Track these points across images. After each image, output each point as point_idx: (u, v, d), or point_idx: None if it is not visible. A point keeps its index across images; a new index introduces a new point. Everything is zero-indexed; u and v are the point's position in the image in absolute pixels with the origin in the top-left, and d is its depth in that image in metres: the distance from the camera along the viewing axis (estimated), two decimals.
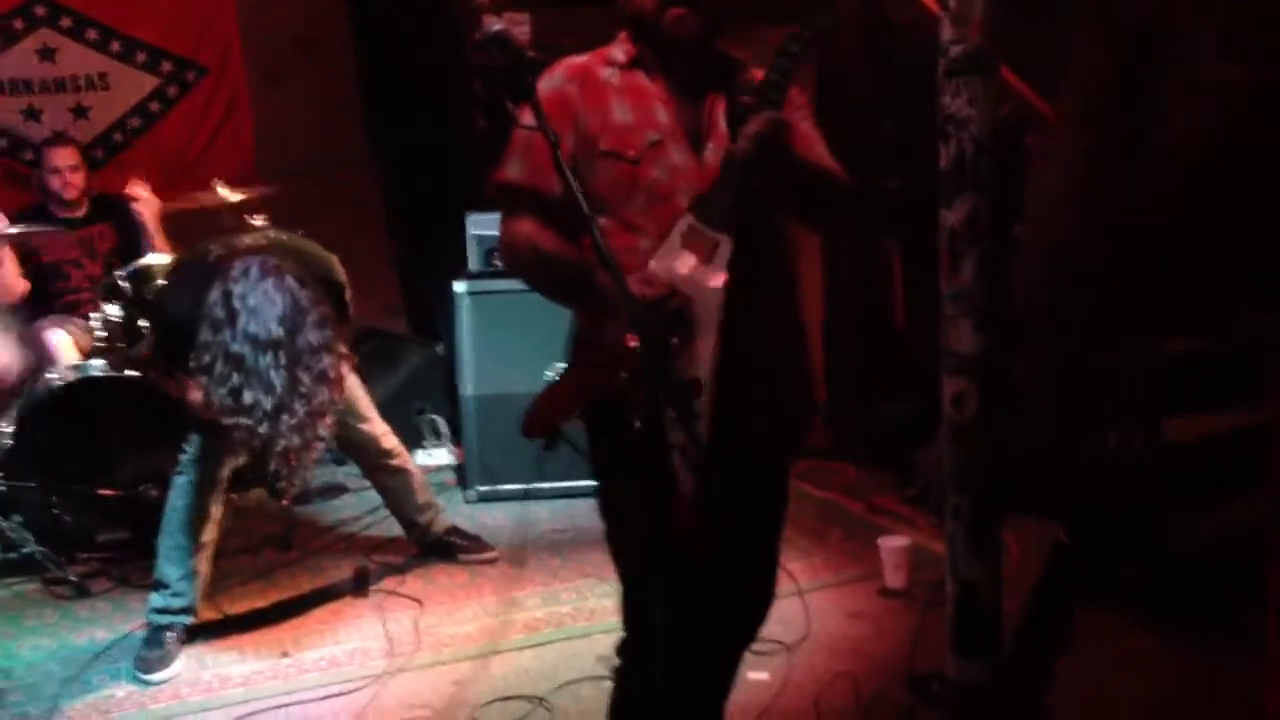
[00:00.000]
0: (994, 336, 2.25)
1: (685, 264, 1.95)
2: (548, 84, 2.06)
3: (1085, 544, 3.54)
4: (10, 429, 4.07)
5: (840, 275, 5.05)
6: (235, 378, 2.98)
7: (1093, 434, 3.91)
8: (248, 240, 3.40)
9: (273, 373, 2.98)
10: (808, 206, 2.13)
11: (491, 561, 4.03)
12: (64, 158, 4.63)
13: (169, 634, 3.34)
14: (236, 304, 2.99)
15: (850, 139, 4.70)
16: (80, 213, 4.69)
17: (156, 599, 3.39)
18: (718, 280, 1.92)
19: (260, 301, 3.00)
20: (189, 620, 3.42)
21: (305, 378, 3.03)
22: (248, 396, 2.97)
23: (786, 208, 2.12)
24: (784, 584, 3.60)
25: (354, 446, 3.89)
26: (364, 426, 3.82)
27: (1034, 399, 4.03)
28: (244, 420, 3.00)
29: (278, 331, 2.99)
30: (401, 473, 3.96)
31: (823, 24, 2.01)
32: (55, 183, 4.60)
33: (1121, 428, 3.84)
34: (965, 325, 2.25)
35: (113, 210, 4.68)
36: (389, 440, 3.91)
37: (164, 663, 3.27)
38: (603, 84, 2.08)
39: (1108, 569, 3.45)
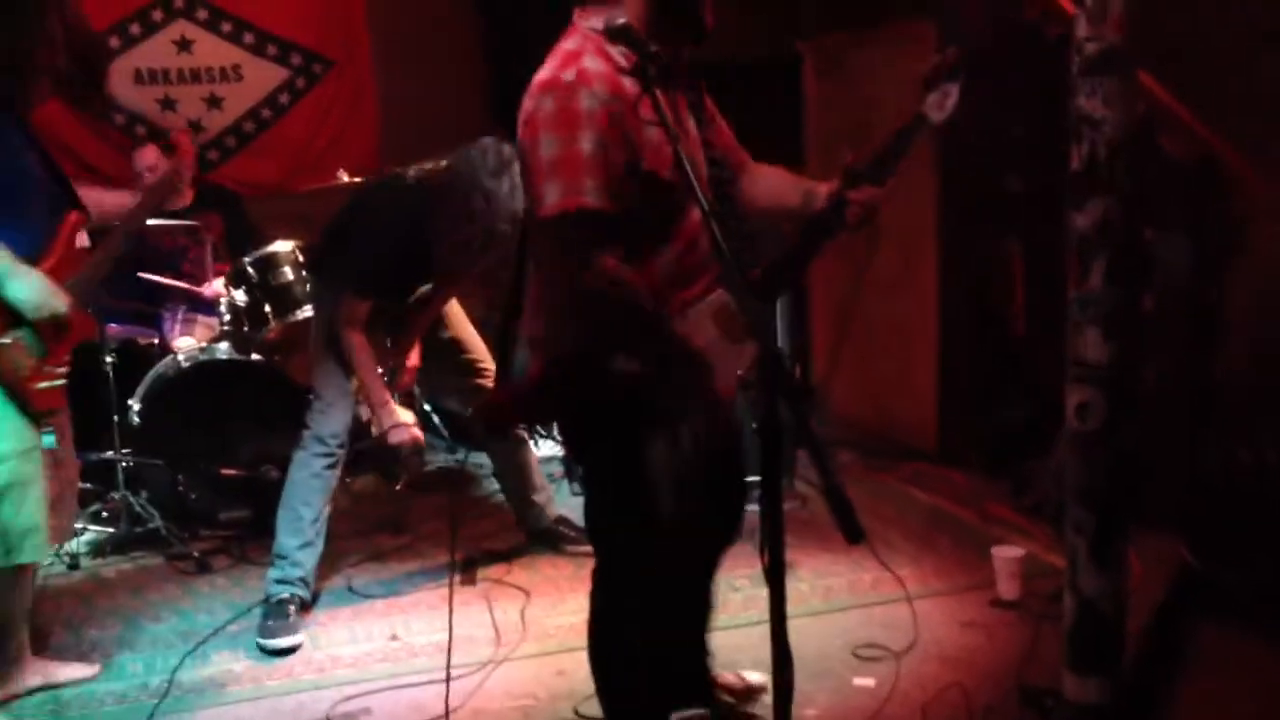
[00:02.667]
0: (1122, 344, 2.17)
1: (705, 335, 1.96)
2: (594, 100, 1.96)
3: (1212, 561, 3.41)
4: (139, 408, 4.22)
5: (956, 276, 4.94)
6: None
7: (1223, 447, 3.76)
8: (430, 165, 3.52)
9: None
10: None
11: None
12: (147, 157, 4.71)
13: (290, 605, 3.45)
14: (492, 186, 3.15)
15: (974, 137, 4.68)
16: (186, 202, 4.79)
17: (275, 571, 3.50)
18: (743, 361, 1.93)
19: (511, 186, 3.14)
20: (306, 592, 3.52)
21: None
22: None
23: None
24: (891, 589, 3.60)
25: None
26: (485, 383, 3.86)
27: (1163, 409, 3.89)
28: None
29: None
30: (523, 445, 4.01)
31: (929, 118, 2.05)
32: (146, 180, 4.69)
33: (1253, 442, 3.69)
34: (1093, 332, 2.18)
35: (222, 200, 4.81)
36: None
37: (287, 631, 3.37)
38: (630, 97, 2.00)
39: (1235, 587, 3.31)
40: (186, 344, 4.42)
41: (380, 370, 3.59)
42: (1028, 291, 4.88)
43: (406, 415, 3.55)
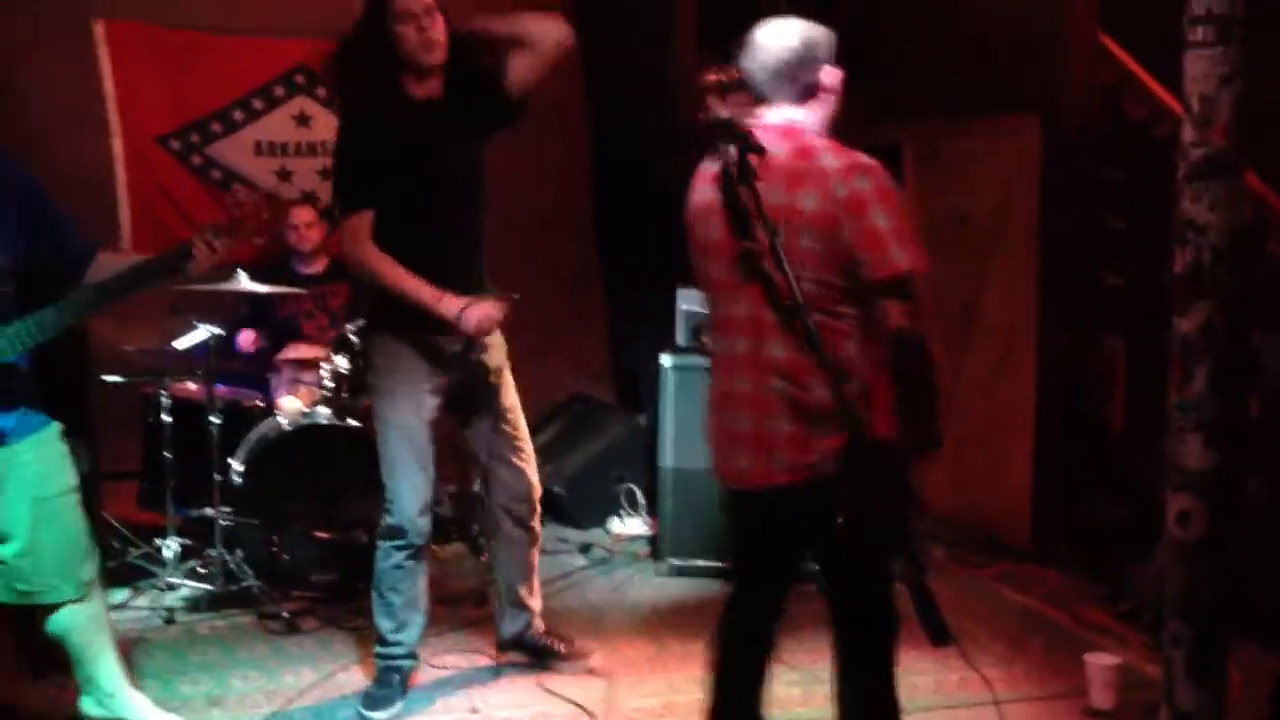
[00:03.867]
0: (1225, 452, 2.13)
1: None
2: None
3: None
4: (240, 467, 4.34)
5: (1054, 372, 4.87)
6: None
7: None
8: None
9: None
10: None
11: (587, 670, 3.74)
12: (302, 215, 5.03)
13: (395, 675, 3.47)
14: None
15: (1075, 231, 4.64)
16: (319, 269, 5.02)
17: (378, 646, 3.51)
18: None
19: None
20: (410, 665, 3.53)
21: None
22: None
23: None
24: (979, 691, 3.51)
25: (498, 482, 3.58)
26: (518, 461, 3.58)
27: (1265, 517, 3.77)
28: None
29: None
30: (535, 542, 3.69)
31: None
32: (293, 237, 4.99)
33: None
34: (1194, 439, 2.13)
35: (348, 271, 4.97)
36: (536, 491, 3.65)
37: (386, 702, 3.40)
38: None
39: None
40: (289, 406, 4.54)
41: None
42: (1128, 388, 4.79)
43: (462, 300, 3.24)
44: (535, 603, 3.72)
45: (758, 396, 2.36)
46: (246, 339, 4.86)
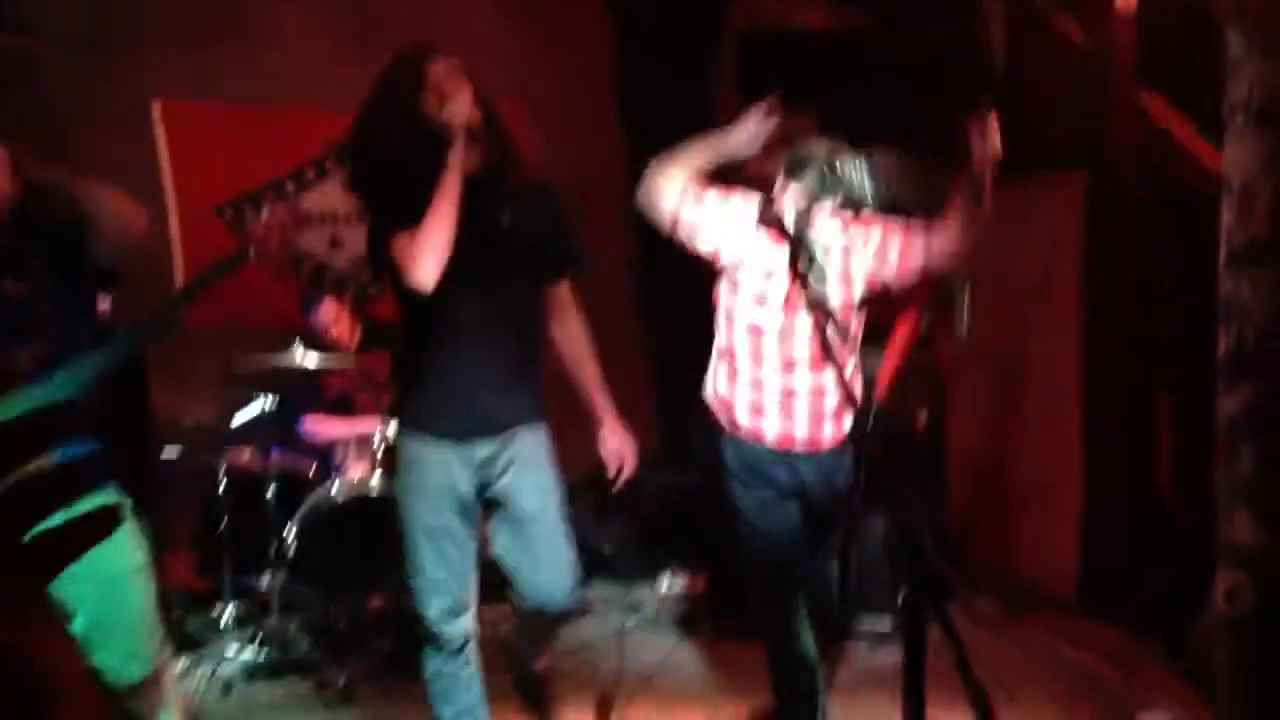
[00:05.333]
0: (1274, 529, 2.14)
1: None
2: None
3: None
4: (295, 535, 4.42)
5: (1102, 426, 4.87)
6: None
7: None
8: None
9: None
10: None
11: None
12: (326, 315, 4.91)
13: None
14: None
15: (1120, 285, 4.65)
16: (352, 344, 5.02)
17: None
18: None
19: None
20: None
21: None
22: None
23: None
24: None
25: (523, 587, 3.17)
26: (543, 571, 3.14)
27: None
28: None
29: None
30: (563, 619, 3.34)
31: None
32: (326, 339, 4.88)
33: None
34: (1242, 515, 2.16)
35: (388, 336, 5.01)
36: (563, 592, 3.18)
37: None
38: None
39: None
40: (346, 475, 4.61)
41: None
42: (1175, 442, 4.78)
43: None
44: (543, 664, 3.51)
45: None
46: (313, 427, 4.83)
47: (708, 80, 5.77)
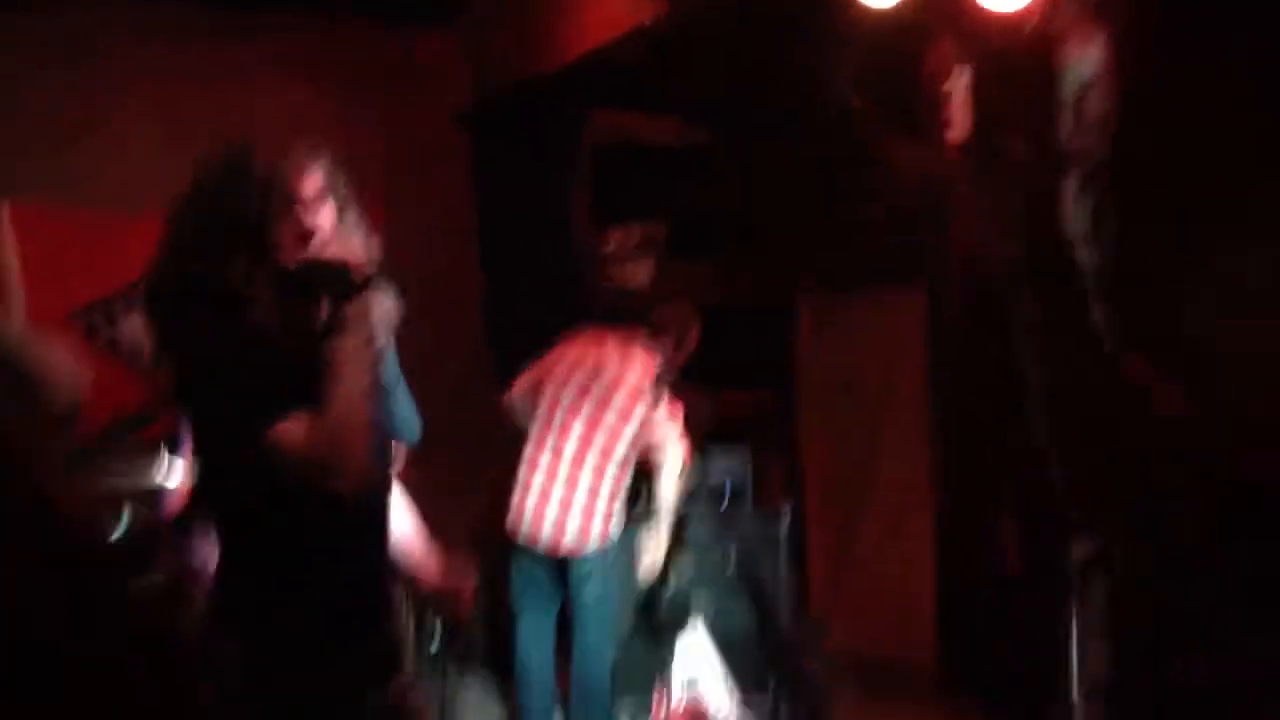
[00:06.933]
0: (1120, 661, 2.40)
1: None
2: None
3: None
4: None
5: (952, 526, 5.15)
6: None
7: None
8: None
9: None
10: None
11: None
12: None
13: None
14: None
15: (965, 393, 4.93)
16: None
17: None
18: None
19: None
20: None
21: None
22: None
23: None
24: None
25: None
26: None
27: None
28: None
29: None
30: None
31: None
32: None
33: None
34: (1096, 648, 2.40)
35: None
36: None
37: None
38: None
39: None
40: None
41: None
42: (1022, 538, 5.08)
43: None
44: None
45: None
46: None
47: (564, 193, 5.94)
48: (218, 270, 1.98)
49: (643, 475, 4.61)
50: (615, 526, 4.49)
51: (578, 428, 4.42)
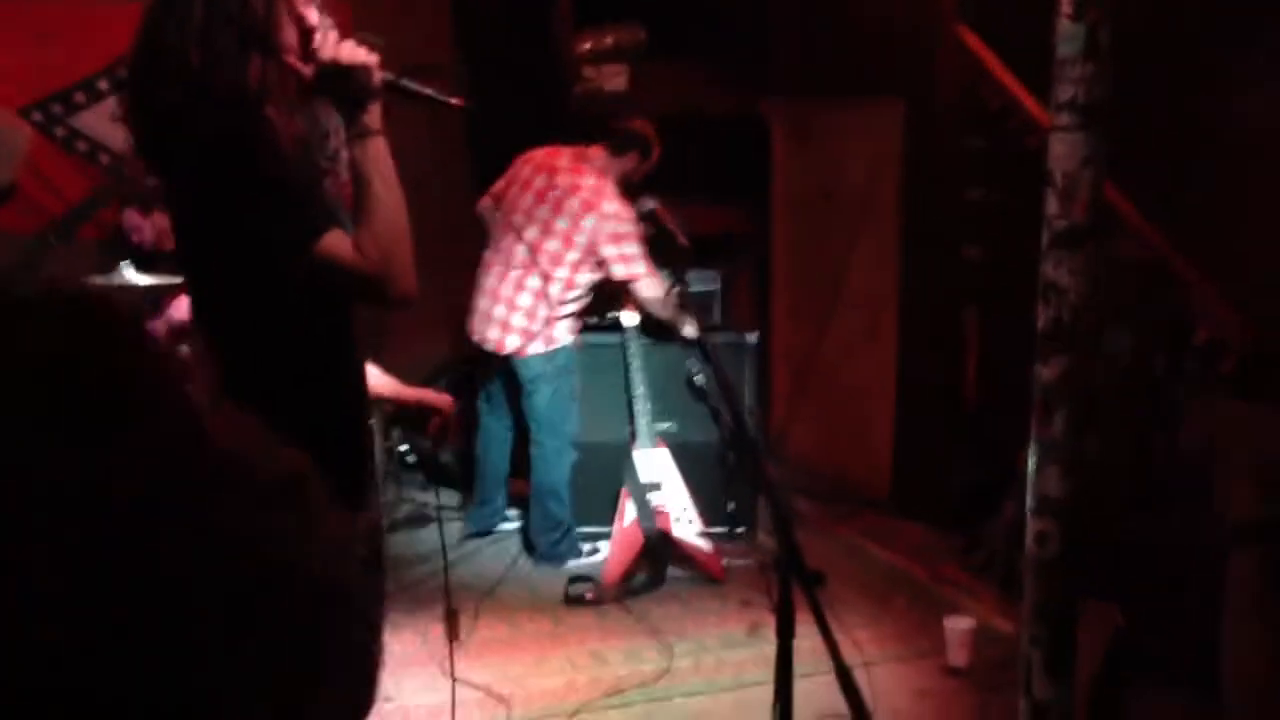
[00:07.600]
0: (1078, 482, 2.43)
1: None
2: None
3: (1144, 627, 3.68)
4: None
5: (915, 338, 5.21)
6: None
7: (1155, 515, 4.04)
8: None
9: None
10: None
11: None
12: (131, 220, 4.81)
13: None
14: None
15: (936, 206, 4.95)
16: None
17: None
18: None
19: None
20: None
21: None
22: None
23: None
24: (849, 653, 3.80)
25: None
26: None
27: (1105, 484, 4.17)
28: None
29: None
30: None
31: None
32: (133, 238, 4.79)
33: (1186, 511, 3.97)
34: (1053, 471, 2.43)
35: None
36: None
37: None
38: None
39: (1162, 651, 3.59)
40: None
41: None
42: (981, 357, 5.16)
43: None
44: None
45: None
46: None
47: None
48: (234, 70, 1.80)
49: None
50: (562, 332, 4.58)
51: (530, 234, 4.52)
